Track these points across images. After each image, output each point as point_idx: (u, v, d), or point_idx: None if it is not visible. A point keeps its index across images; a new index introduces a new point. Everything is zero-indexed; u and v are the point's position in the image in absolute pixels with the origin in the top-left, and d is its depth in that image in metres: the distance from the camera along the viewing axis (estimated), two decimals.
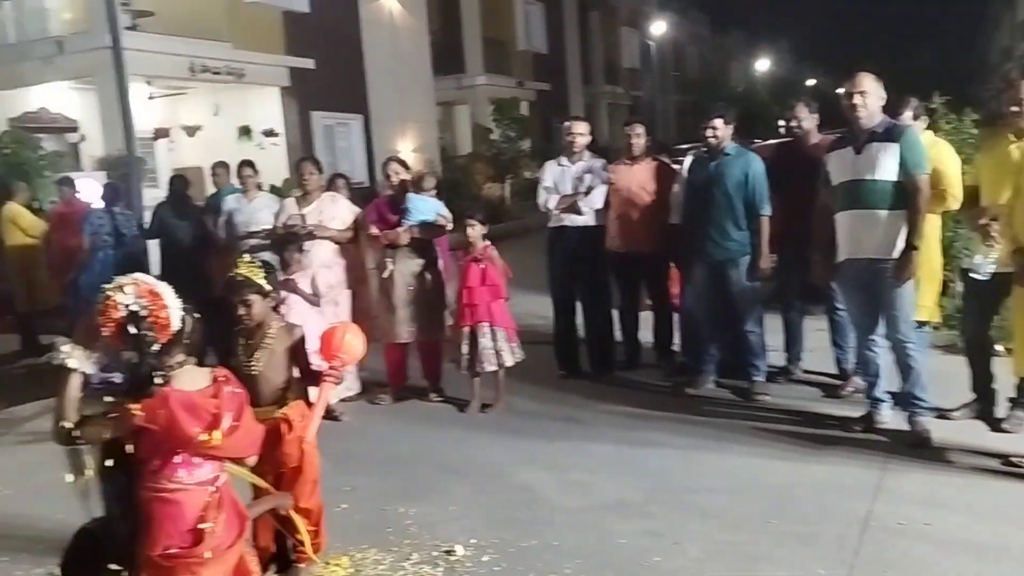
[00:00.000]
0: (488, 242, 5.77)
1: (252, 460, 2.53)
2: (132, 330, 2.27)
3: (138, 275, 2.36)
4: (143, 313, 2.28)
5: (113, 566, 2.30)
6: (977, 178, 4.67)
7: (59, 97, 14.12)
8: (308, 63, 15.64)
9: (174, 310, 2.34)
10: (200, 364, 2.48)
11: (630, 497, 4.22)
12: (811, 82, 47.17)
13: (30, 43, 13.65)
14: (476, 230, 5.70)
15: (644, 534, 3.81)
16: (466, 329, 5.70)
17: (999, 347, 4.99)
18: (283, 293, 5.45)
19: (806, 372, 5.96)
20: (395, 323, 5.95)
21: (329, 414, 5.75)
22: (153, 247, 8.31)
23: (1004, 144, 4.45)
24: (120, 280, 2.32)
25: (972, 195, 4.70)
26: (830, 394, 5.56)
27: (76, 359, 2.33)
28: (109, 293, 2.30)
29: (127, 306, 2.28)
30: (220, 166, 8.57)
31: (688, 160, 5.96)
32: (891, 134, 4.56)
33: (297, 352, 3.43)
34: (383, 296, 6.03)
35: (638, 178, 6.23)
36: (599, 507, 4.14)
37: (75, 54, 12.76)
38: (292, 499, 3.05)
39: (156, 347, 2.30)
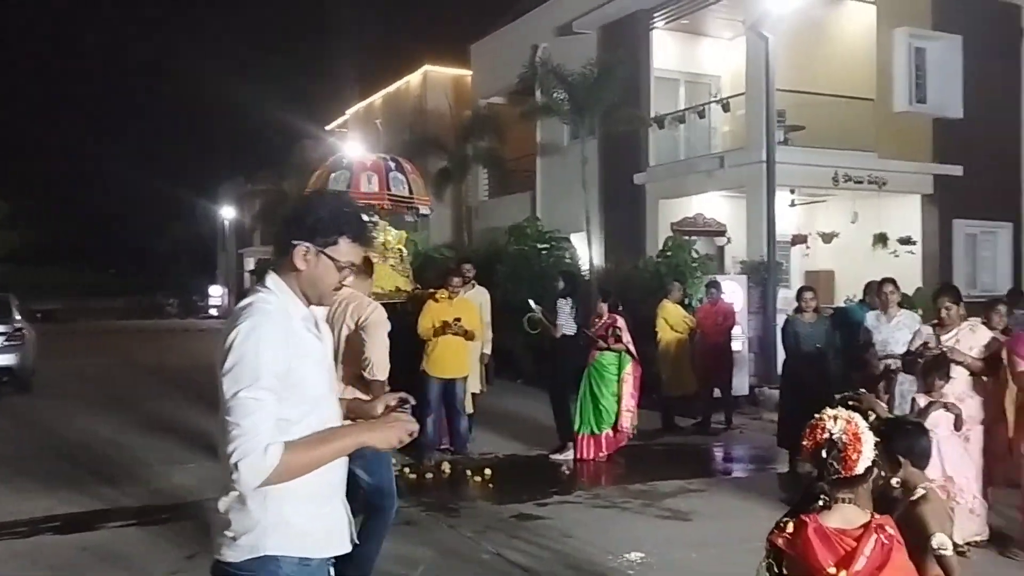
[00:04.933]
0: None
1: None
2: (823, 454, 2.61)
3: (856, 416, 2.65)
4: (840, 446, 2.59)
5: None
6: None
7: (712, 204, 15.95)
8: (955, 170, 14.96)
9: (865, 458, 2.60)
10: None
11: None
12: None
13: (697, 159, 15.78)
14: None
15: None
16: None
17: None
18: (932, 411, 5.47)
19: None
20: None
21: (958, 550, 5.49)
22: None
23: None
24: (840, 411, 2.65)
25: None
26: None
27: None
28: (824, 416, 2.64)
29: (831, 433, 2.61)
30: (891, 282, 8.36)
31: None
32: None
33: None
34: None
35: None
36: None
37: (733, 168, 14.30)
38: None
39: (834, 477, 2.60)
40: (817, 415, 2.67)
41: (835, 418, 2.61)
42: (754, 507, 6.76)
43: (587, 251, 15.41)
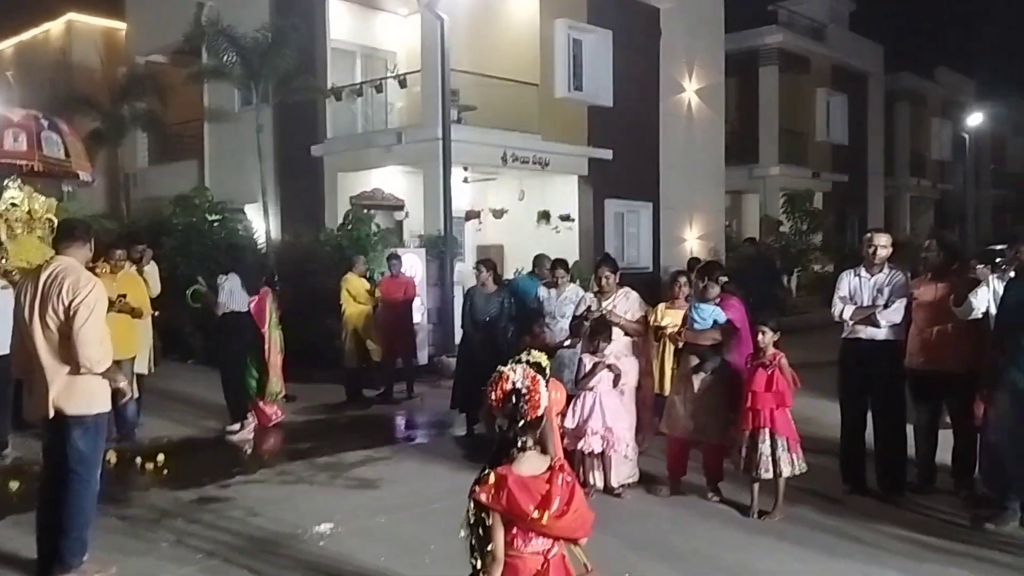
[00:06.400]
0: (778, 351, 5.90)
1: (584, 541, 2.95)
2: (512, 401, 2.82)
3: (530, 361, 2.89)
4: (524, 392, 2.83)
5: None
6: None
7: (390, 179, 16.15)
8: (607, 154, 16.54)
9: (544, 399, 2.86)
10: None
11: None
12: None
13: (375, 133, 15.84)
14: (767, 337, 5.85)
15: None
16: (746, 432, 5.83)
17: None
18: (598, 371, 6.17)
19: None
20: (679, 418, 6.21)
21: (611, 491, 6.16)
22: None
23: None
24: (516, 365, 2.88)
25: None
26: None
27: None
28: (506, 369, 2.87)
29: (515, 383, 2.84)
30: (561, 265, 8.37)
31: (1007, 276, 5.76)
32: None
33: None
34: (673, 391, 6.34)
35: (944, 293, 6.07)
36: None
37: (410, 144, 14.54)
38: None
39: (523, 422, 2.82)
40: (499, 370, 2.89)
41: (514, 369, 2.86)
42: (438, 469, 7.05)
43: (263, 223, 14.86)
